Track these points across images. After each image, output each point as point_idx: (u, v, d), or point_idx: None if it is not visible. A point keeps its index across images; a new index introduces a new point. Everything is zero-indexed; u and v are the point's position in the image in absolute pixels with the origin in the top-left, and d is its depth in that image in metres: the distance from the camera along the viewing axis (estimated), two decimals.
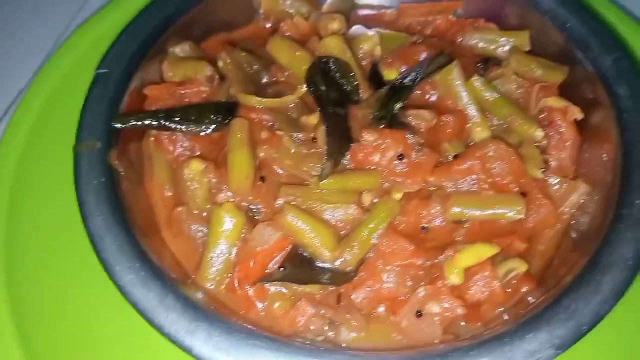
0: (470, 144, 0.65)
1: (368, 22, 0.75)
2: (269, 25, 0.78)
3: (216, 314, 0.52)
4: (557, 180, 0.64)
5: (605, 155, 0.63)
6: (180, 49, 0.72)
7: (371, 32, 0.70)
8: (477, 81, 0.65)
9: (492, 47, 0.73)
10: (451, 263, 0.56)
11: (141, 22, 0.69)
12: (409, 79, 0.63)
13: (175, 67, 0.70)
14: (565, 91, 0.69)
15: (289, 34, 0.73)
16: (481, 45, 0.73)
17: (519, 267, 0.58)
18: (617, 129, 0.62)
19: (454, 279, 0.55)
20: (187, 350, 0.49)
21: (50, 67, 0.75)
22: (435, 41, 0.71)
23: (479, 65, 0.71)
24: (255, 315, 0.57)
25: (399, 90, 0.62)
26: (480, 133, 0.64)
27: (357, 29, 0.72)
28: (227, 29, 0.78)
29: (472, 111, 0.65)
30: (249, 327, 0.52)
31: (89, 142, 0.60)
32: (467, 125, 0.65)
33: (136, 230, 0.57)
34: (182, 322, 0.50)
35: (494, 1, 0.76)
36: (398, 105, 0.61)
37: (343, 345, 0.55)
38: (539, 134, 0.64)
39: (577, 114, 0.66)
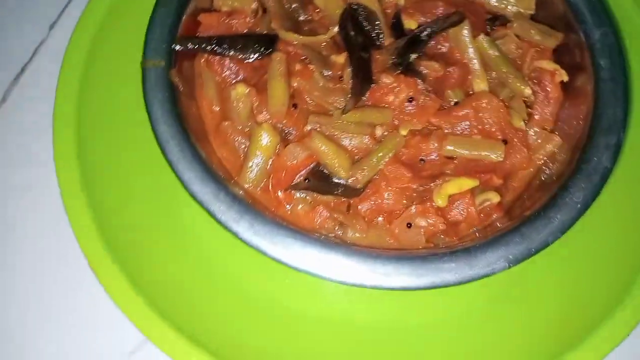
0: (470, 93, 0.77)
1: None
2: None
3: (256, 209, 0.66)
4: (536, 131, 0.77)
5: (580, 115, 0.74)
6: None
7: None
8: (482, 39, 0.76)
9: (502, 6, 0.82)
10: (439, 190, 0.69)
11: None
12: (425, 33, 0.74)
13: None
14: (559, 52, 0.79)
15: None
16: (493, 2, 0.82)
17: (493, 198, 0.72)
18: (593, 95, 0.72)
19: (440, 202, 0.69)
20: (234, 234, 0.63)
21: None
22: None
23: (487, 21, 0.81)
24: (283, 213, 0.71)
25: (415, 42, 0.73)
26: (479, 84, 0.75)
27: None
28: None
29: (475, 65, 0.75)
30: (280, 220, 0.66)
31: (154, 60, 0.72)
32: (469, 77, 0.76)
33: (192, 137, 0.70)
34: (230, 213, 0.64)
35: None
36: (413, 56, 0.72)
37: (348, 242, 0.71)
38: (528, 91, 0.75)
39: (563, 76, 0.77)
